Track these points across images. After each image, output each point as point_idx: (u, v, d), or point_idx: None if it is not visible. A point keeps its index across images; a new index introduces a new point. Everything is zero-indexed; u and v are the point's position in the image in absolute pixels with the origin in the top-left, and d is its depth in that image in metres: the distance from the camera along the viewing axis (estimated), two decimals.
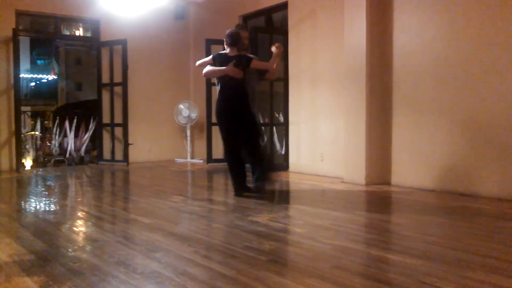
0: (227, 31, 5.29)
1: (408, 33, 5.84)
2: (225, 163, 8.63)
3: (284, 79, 7.79)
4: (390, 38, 6.02)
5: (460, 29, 5.29)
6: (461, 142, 5.29)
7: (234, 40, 5.20)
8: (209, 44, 8.74)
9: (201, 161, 9.30)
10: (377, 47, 6.06)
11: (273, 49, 5.37)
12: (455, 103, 5.34)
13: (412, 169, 5.81)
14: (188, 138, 9.58)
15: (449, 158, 5.41)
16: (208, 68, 5.33)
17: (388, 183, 6.06)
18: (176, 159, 9.63)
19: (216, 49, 8.78)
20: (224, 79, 5.21)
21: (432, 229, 3.82)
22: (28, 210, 4.94)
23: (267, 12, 8.36)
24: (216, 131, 8.92)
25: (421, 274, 2.63)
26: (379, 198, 5.27)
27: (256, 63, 5.23)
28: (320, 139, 7.12)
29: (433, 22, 5.57)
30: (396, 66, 5.98)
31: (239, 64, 5.12)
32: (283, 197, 5.72)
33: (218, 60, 5.25)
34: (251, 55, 5.41)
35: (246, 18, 8.89)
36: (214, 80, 5.71)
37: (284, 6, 7.79)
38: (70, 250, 3.27)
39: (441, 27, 5.48)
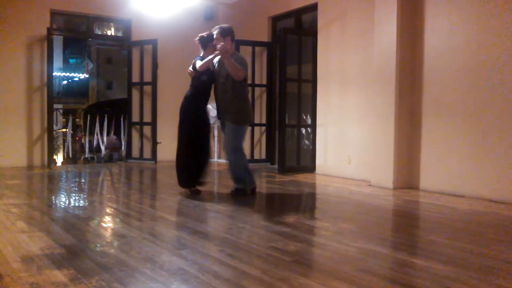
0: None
1: (439, 36, 5.75)
2: (251, 164, 8.72)
3: (312, 81, 7.77)
4: (420, 40, 5.95)
5: (492, 33, 5.19)
6: (493, 147, 5.19)
7: (200, 42, 5.45)
8: (238, 45, 8.77)
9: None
10: (408, 50, 6.00)
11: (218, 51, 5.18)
12: (488, 107, 5.24)
13: (441, 174, 5.73)
14: (215, 138, 9.63)
15: (479, 163, 5.31)
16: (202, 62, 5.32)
17: (416, 187, 5.98)
18: None
19: (244, 50, 8.85)
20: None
21: (460, 235, 3.75)
22: (58, 205, 5.05)
23: (297, 14, 8.35)
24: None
25: (448, 280, 2.60)
26: (406, 202, 5.21)
27: (196, 65, 5.28)
28: (348, 141, 7.08)
29: (465, 26, 5.47)
30: (426, 69, 5.90)
31: (194, 66, 5.32)
32: (309, 199, 5.70)
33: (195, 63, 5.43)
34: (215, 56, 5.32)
35: (275, 19, 8.91)
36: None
37: (313, 8, 7.77)
38: (98, 245, 3.33)
39: (473, 31, 5.38)
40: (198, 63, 5.26)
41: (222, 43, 5.12)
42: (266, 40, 8.96)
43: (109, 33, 10.82)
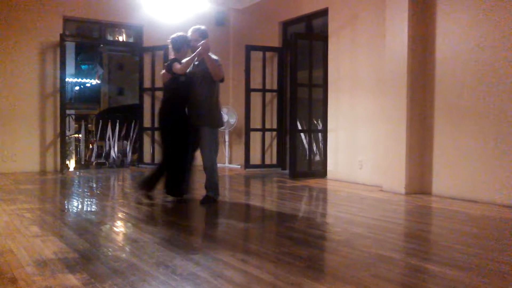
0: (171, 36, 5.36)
1: (451, 40, 5.73)
2: (258, 169, 8.74)
3: (323, 86, 7.76)
4: (432, 44, 5.93)
5: (505, 36, 5.16)
6: (506, 151, 5.14)
7: (172, 44, 5.31)
8: (249, 50, 8.82)
9: (239, 166, 9.36)
10: (419, 54, 5.98)
11: (199, 49, 5.11)
12: (501, 111, 5.19)
13: (454, 179, 5.69)
14: (227, 143, 9.65)
15: (492, 168, 5.27)
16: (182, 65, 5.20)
17: (428, 192, 5.94)
18: None
19: (255, 56, 8.88)
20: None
21: (474, 241, 3.72)
22: (71, 210, 5.09)
23: (308, 19, 8.36)
24: (254, 137, 9.00)
25: (462, 286, 2.58)
26: (418, 208, 5.18)
27: (174, 68, 5.12)
28: (359, 146, 7.06)
29: (477, 29, 5.44)
30: (438, 73, 5.87)
31: (168, 69, 5.18)
32: (320, 204, 5.69)
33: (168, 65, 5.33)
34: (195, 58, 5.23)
35: (286, 24, 8.92)
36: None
37: (324, 13, 7.78)
38: (111, 249, 3.35)
39: (486, 35, 5.35)
40: (177, 66, 5.09)
41: (204, 41, 5.09)
42: (277, 45, 8.98)
43: (120, 39, 10.90)
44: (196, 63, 5.29)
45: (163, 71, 5.33)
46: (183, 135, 5.20)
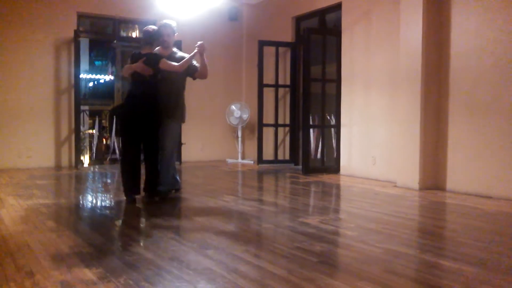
0: (143, 29, 5.16)
1: (466, 35, 5.67)
2: (271, 164, 8.74)
3: (337, 81, 7.73)
4: (447, 40, 5.87)
5: None
6: None
7: (146, 38, 5.08)
8: (262, 45, 8.81)
9: (252, 162, 9.37)
10: (434, 49, 5.92)
11: (196, 48, 5.12)
12: None
13: (468, 174, 5.64)
14: (239, 138, 9.66)
15: (507, 164, 5.21)
16: (124, 68, 5.15)
17: (442, 188, 5.90)
18: (227, 159, 9.74)
19: (268, 51, 8.87)
20: (133, 77, 5.03)
21: (489, 237, 3.69)
22: (86, 205, 5.14)
23: (321, 13, 8.32)
24: (267, 133, 9.00)
25: (477, 282, 2.56)
26: (432, 203, 5.15)
27: (163, 64, 4.96)
28: (373, 142, 7.02)
29: (492, 24, 5.38)
30: (453, 68, 5.82)
31: (148, 62, 4.92)
32: (333, 199, 5.68)
33: (131, 59, 5.09)
34: (179, 53, 5.20)
35: (299, 19, 8.89)
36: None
37: (338, 7, 7.73)
38: (125, 244, 3.38)
39: (502, 30, 5.28)
40: (164, 61, 4.95)
41: (201, 42, 5.16)
42: (289, 40, 8.95)
43: (134, 35, 10.92)
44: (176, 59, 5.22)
45: (137, 65, 4.92)
46: (150, 131, 5.04)
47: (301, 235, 3.59)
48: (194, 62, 5.24)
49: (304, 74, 7.81)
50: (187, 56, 5.17)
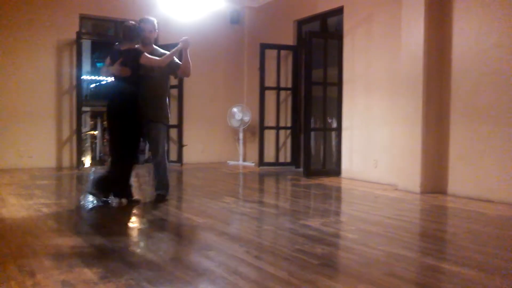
0: (123, 25, 4.98)
1: (468, 38, 5.67)
2: (272, 167, 8.75)
3: (338, 84, 7.73)
4: (449, 43, 5.87)
5: None
6: None
7: (126, 34, 4.88)
8: (264, 48, 8.82)
9: (253, 164, 9.37)
10: (435, 53, 5.93)
11: (180, 43, 4.97)
12: None
13: (469, 178, 5.64)
14: (241, 141, 9.67)
15: (509, 168, 5.21)
16: (105, 68, 5.01)
17: (443, 192, 5.90)
18: (228, 162, 9.75)
19: (269, 54, 8.88)
20: (115, 76, 4.90)
21: (490, 241, 3.69)
22: (87, 205, 5.13)
23: (323, 17, 8.34)
24: (268, 135, 9.01)
25: (477, 286, 2.56)
26: (434, 207, 5.14)
27: (145, 59, 4.77)
28: (374, 145, 7.02)
29: (495, 29, 5.38)
30: (454, 72, 5.82)
31: (127, 58, 4.74)
32: (334, 202, 5.68)
33: (111, 56, 4.94)
34: (162, 49, 5.08)
35: (300, 23, 8.91)
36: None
37: (339, 11, 7.75)
38: (126, 245, 3.38)
39: (504, 34, 5.29)
40: (146, 56, 4.76)
41: (185, 37, 5.02)
42: (291, 43, 8.97)
43: None
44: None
45: (110, 68, 4.80)
46: (136, 131, 4.94)
47: (302, 237, 3.59)
48: (176, 60, 5.12)
49: (306, 77, 7.82)
50: (167, 52, 5.02)
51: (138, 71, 4.84)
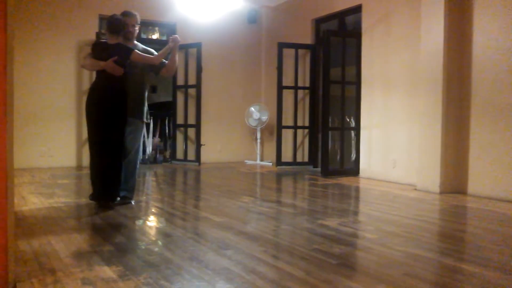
0: (108, 17, 4.75)
1: (489, 36, 5.59)
2: (290, 166, 8.74)
3: (356, 83, 7.69)
4: (469, 41, 5.80)
5: None
6: None
7: (113, 27, 4.65)
8: (281, 47, 8.82)
9: (270, 163, 9.37)
10: (455, 51, 5.86)
11: (170, 42, 4.89)
12: None
13: (490, 178, 5.56)
14: (258, 140, 9.68)
15: None
16: (88, 60, 4.73)
17: (463, 192, 5.83)
18: (245, 161, 9.76)
19: (287, 53, 8.87)
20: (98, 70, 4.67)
21: (510, 241, 3.63)
22: (106, 204, 5.18)
23: (340, 16, 8.30)
24: (285, 134, 9.00)
25: (498, 287, 2.52)
26: (453, 207, 5.08)
27: (136, 56, 4.64)
28: (393, 145, 6.97)
29: None
30: (475, 70, 5.74)
31: (117, 54, 4.54)
32: (352, 202, 5.66)
33: (96, 48, 4.73)
34: (145, 47, 4.97)
35: (318, 21, 8.88)
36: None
37: (358, 9, 7.71)
38: (145, 243, 3.41)
39: None
40: (137, 53, 4.64)
41: (175, 35, 4.96)
42: (309, 42, 8.94)
43: (154, 37, 11.03)
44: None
45: (102, 63, 4.55)
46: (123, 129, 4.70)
47: (320, 237, 3.58)
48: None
49: (324, 76, 7.79)
50: (149, 49, 4.96)
51: (125, 68, 4.67)
